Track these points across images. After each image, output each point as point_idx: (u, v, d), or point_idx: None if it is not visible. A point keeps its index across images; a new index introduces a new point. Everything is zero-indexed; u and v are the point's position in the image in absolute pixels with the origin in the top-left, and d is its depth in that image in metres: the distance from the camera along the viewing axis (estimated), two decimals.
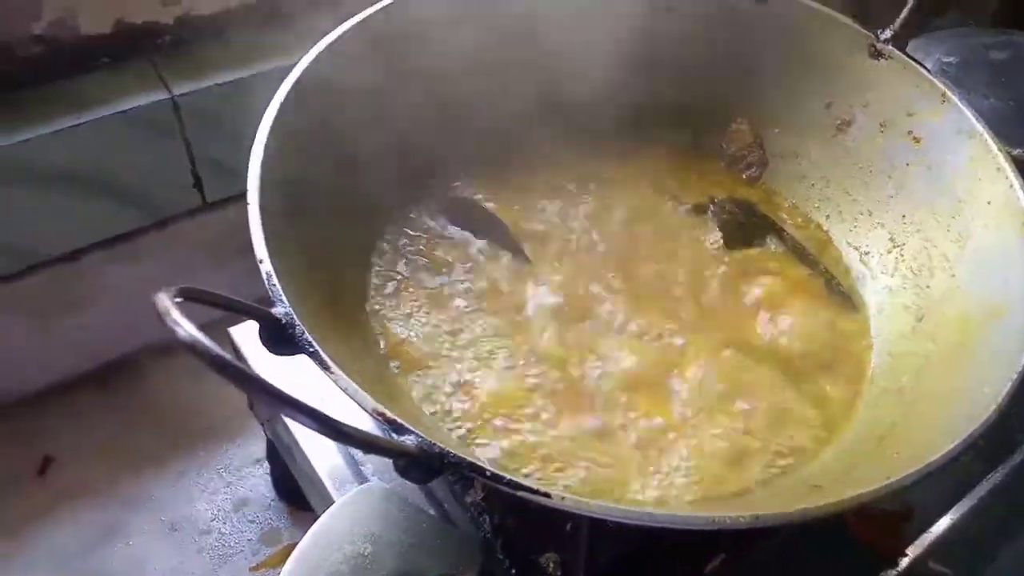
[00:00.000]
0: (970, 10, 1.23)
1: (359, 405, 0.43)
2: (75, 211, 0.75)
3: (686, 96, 0.73)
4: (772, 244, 0.68)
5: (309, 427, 0.35)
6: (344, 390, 0.43)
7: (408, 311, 0.60)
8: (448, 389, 0.55)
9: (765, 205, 0.71)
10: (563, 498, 0.41)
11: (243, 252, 0.50)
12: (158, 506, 0.76)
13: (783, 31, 0.70)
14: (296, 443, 0.66)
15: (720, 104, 0.72)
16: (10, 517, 0.75)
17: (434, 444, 0.40)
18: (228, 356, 0.31)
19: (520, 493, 0.41)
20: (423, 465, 0.40)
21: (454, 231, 0.67)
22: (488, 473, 0.41)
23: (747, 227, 0.69)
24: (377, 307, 0.61)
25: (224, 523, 0.76)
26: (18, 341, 0.78)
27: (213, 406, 0.83)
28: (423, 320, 0.60)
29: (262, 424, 0.73)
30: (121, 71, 0.76)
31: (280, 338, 0.45)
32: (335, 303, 0.58)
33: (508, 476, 0.41)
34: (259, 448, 0.81)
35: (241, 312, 0.43)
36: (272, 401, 0.33)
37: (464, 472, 0.41)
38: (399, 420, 0.42)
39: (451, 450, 0.40)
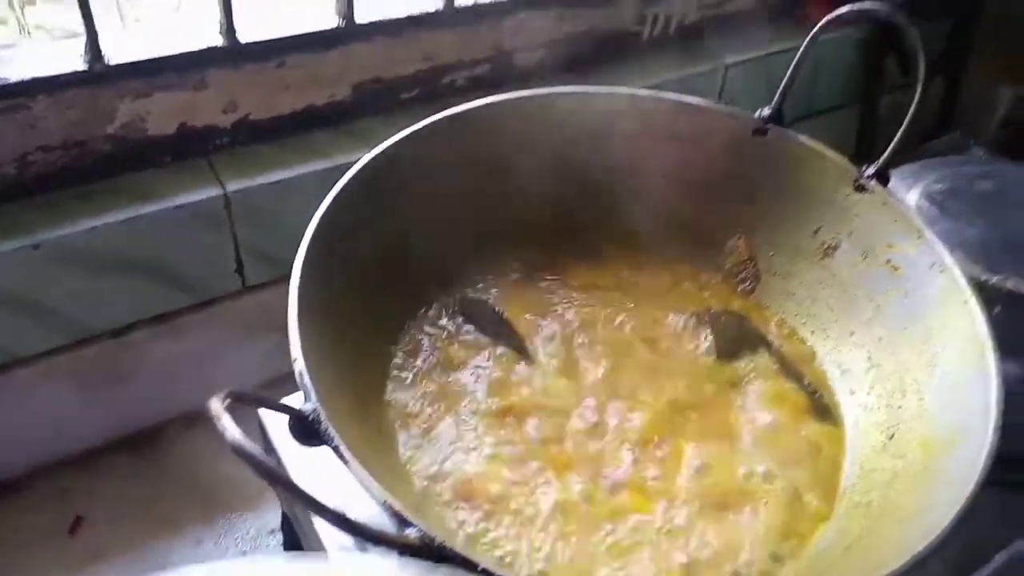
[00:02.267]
0: (974, 132, 1.31)
1: (372, 496, 0.48)
2: (127, 291, 0.83)
3: (689, 215, 0.80)
4: (762, 356, 0.73)
5: (331, 524, 0.41)
6: (360, 482, 0.49)
7: (421, 403, 0.67)
8: (451, 481, 0.61)
9: (756, 318, 0.76)
10: None
11: (275, 330, 0.57)
12: (176, 570, 0.81)
13: (778, 162, 0.77)
14: (308, 519, 0.71)
15: (720, 223, 0.79)
16: (39, 572, 0.80)
17: (433, 538, 0.46)
18: (270, 461, 0.37)
19: None
20: (423, 556, 0.46)
21: (469, 330, 0.73)
22: (480, 568, 0.46)
23: (739, 339, 0.75)
24: (394, 398, 0.67)
25: None
26: (65, 407, 0.85)
27: (234, 476, 0.89)
28: (433, 412, 0.66)
29: (280, 498, 0.79)
30: (180, 168, 0.84)
31: (307, 431, 0.51)
32: (358, 394, 0.64)
33: (498, 573, 0.46)
34: (275, 518, 0.86)
35: (277, 410, 0.49)
36: (303, 503, 0.39)
37: (458, 566, 0.47)
38: (404, 514, 0.47)
39: (448, 545, 0.46)
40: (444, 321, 0.73)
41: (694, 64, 1.13)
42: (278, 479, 0.38)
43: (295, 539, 0.82)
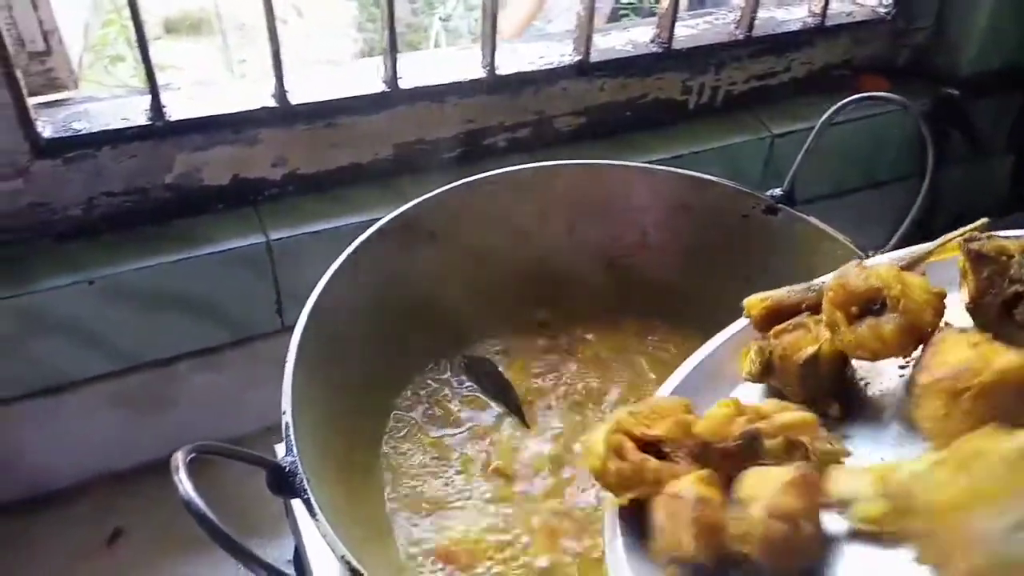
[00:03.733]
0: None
1: (333, 552, 0.52)
2: (174, 326, 0.90)
3: (700, 290, 0.81)
4: None
5: None
6: (323, 536, 0.53)
7: (415, 458, 0.71)
8: (430, 542, 0.64)
9: None
10: None
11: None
12: None
13: (787, 242, 0.78)
14: (308, 558, 0.76)
15: (729, 300, 0.80)
16: None
17: None
18: (213, 518, 0.42)
19: None
20: None
21: (471, 388, 0.77)
22: None
23: None
24: (389, 449, 0.71)
25: None
26: (113, 429, 0.93)
27: (264, 504, 0.94)
28: (424, 468, 0.70)
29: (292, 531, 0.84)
30: (230, 216, 0.91)
31: (284, 484, 0.55)
32: (350, 445, 0.69)
33: None
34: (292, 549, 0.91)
35: (249, 462, 0.54)
36: (243, 560, 0.43)
37: None
38: (360, 569, 0.51)
39: None
40: (447, 376, 0.77)
41: (740, 134, 1.14)
42: (219, 536, 0.43)
43: (302, 572, 0.87)
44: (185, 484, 0.44)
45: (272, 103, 0.89)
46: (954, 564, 0.37)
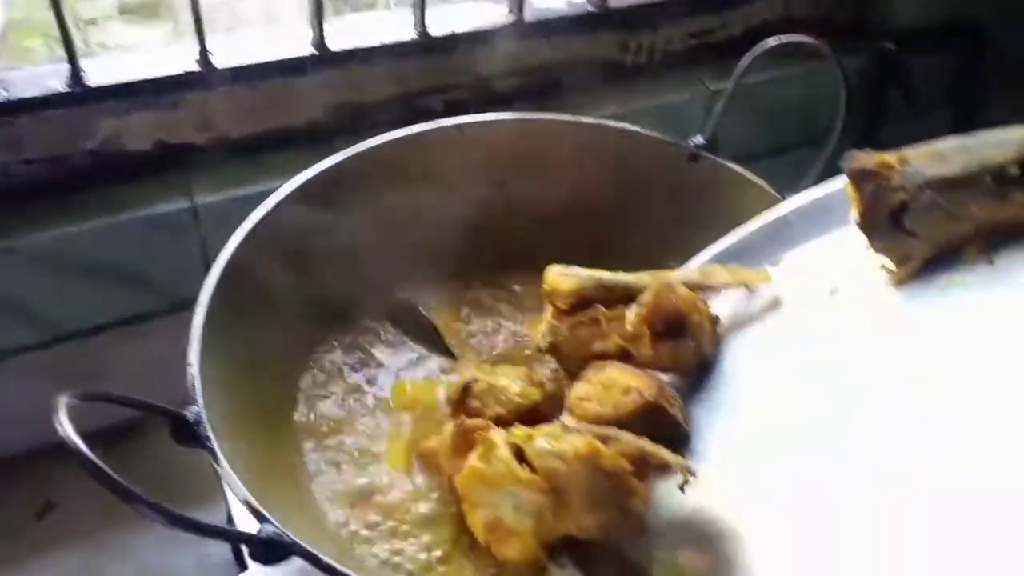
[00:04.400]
0: None
1: (234, 494, 0.52)
2: (99, 294, 0.88)
3: (627, 239, 0.81)
4: None
5: (156, 520, 0.44)
6: (225, 481, 0.52)
7: (334, 408, 0.70)
8: (346, 487, 0.64)
9: None
10: None
11: None
12: (134, 556, 0.86)
13: (711, 188, 0.78)
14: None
15: (656, 247, 0.80)
16: (4, 555, 0.86)
17: (282, 535, 0.49)
18: (93, 457, 0.41)
19: None
20: (270, 551, 0.49)
21: (394, 333, 0.76)
22: (323, 564, 0.49)
23: None
24: (307, 400, 0.71)
25: None
26: (38, 402, 0.91)
27: (203, 471, 0.93)
28: (343, 410, 0.69)
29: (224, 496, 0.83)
30: (155, 181, 0.90)
31: (188, 435, 0.55)
32: (268, 398, 0.68)
33: (342, 570, 0.49)
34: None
35: (151, 411, 0.53)
36: (119, 495, 0.42)
37: (309, 561, 0.49)
38: (260, 509, 0.51)
39: (294, 540, 0.49)
40: (372, 325, 0.77)
41: (679, 92, 1.14)
42: (101, 476, 0.42)
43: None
44: (65, 427, 0.43)
45: (195, 67, 0.87)
46: None
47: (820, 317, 0.56)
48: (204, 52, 0.87)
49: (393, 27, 0.98)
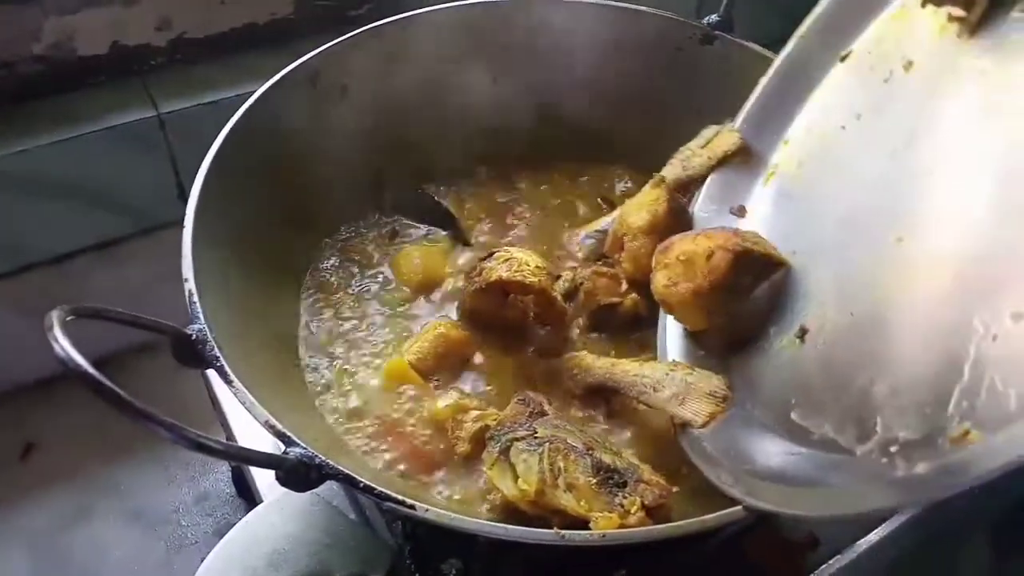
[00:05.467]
0: None
1: (254, 417, 0.47)
2: (65, 218, 0.81)
3: (620, 126, 0.76)
4: None
5: (177, 443, 0.39)
6: (242, 403, 0.47)
7: (333, 313, 0.66)
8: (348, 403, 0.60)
9: None
10: (426, 510, 0.45)
11: None
12: (125, 494, 0.82)
13: (728, 71, 0.72)
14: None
15: (671, 136, 0.75)
16: None
17: (314, 456, 0.45)
18: (90, 369, 0.36)
19: (387, 504, 0.45)
20: (301, 475, 0.44)
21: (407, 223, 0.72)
22: (361, 485, 0.45)
23: None
24: (308, 304, 0.66)
25: (184, 515, 0.81)
26: (11, 336, 0.85)
27: (187, 403, 0.87)
28: (345, 321, 0.65)
29: (221, 424, 0.78)
30: (114, 89, 0.82)
31: (191, 354, 0.49)
32: (267, 310, 0.63)
33: (379, 488, 0.45)
34: None
35: (149, 329, 0.47)
36: (128, 414, 0.37)
37: (341, 483, 0.45)
38: (287, 432, 0.46)
39: (330, 462, 0.44)
40: (373, 221, 0.72)
41: None
42: (103, 390, 0.37)
43: (240, 467, 0.82)
44: (61, 342, 0.38)
45: None
46: None
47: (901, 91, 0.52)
48: None
49: None
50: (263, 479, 0.65)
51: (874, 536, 0.64)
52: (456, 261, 0.68)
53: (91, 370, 0.37)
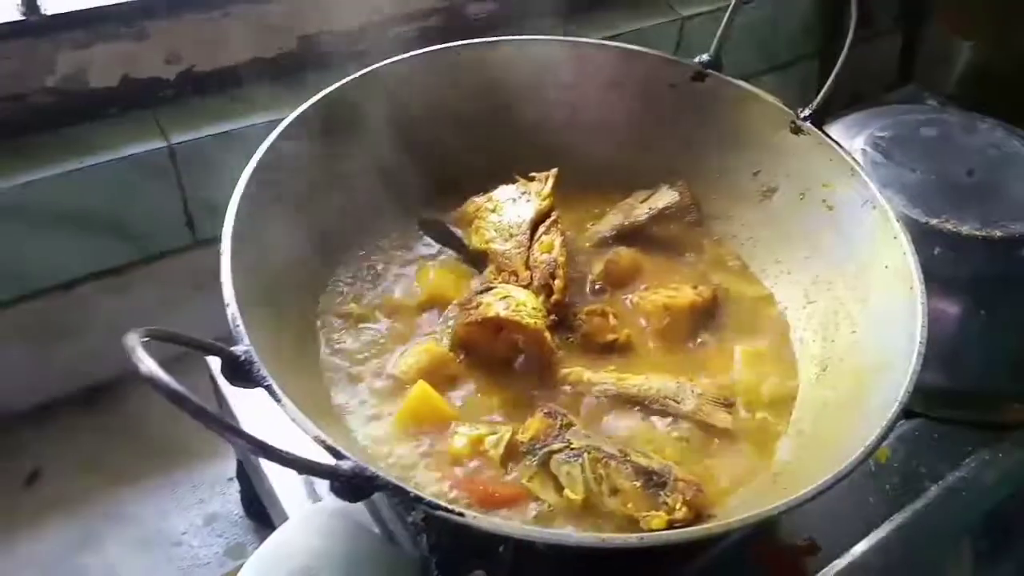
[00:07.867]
0: (930, 84, 1.31)
1: (304, 432, 0.49)
2: (71, 245, 0.82)
3: (628, 162, 0.80)
4: None
5: (253, 453, 0.41)
6: (292, 419, 0.49)
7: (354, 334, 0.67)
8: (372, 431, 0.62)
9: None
10: (475, 517, 0.47)
11: None
12: (134, 518, 0.82)
13: (717, 107, 0.77)
14: (259, 463, 0.72)
15: (661, 169, 0.80)
16: (1, 525, 0.81)
17: (366, 468, 0.47)
18: (181, 389, 0.38)
19: (438, 512, 0.47)
20: (355, 486, 0.47)
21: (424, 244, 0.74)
22: (411, 495, 0.48)
23: None
24: (332, 326, 0.68)
25: (194, 537, 0.82)
26: (13, 363, 0.85)
27: (190, 427, 0.88)
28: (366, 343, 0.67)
29: (235, 446, 0.80)
30: (124, 120, 0.83)
31: (239, 373, 0.51)
32: (298, 333, 0.65)
33: (428, 498, 0.47)
34: (231, 467, 0.87)
35: (205, 351, 0.49)
36: (222, 431, 0.39)
37: (391, 493, 0.48)
38: (336, 447, 0.48)
39: (381, 474, 0.47)
40: (397, 236, 0.74)
41: (650, 17, 1.13)
42: (194, 408, 0.39)
43: (250, 486, 0.83)
44: (146, 362, 0.39)
45: None
46: None
47: None
48: None
49: None
50: (290, 497, 0.67)
51: (867, 543, 0.68)
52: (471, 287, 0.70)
53: (186, 392, 0.39)
